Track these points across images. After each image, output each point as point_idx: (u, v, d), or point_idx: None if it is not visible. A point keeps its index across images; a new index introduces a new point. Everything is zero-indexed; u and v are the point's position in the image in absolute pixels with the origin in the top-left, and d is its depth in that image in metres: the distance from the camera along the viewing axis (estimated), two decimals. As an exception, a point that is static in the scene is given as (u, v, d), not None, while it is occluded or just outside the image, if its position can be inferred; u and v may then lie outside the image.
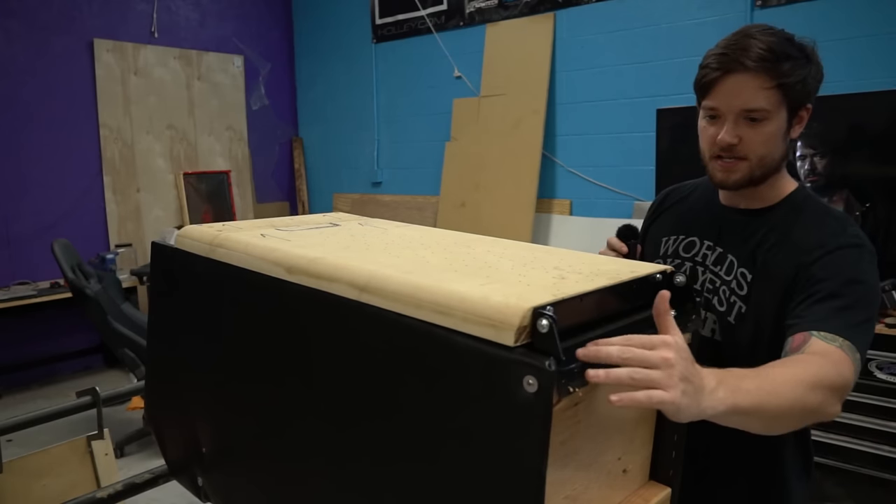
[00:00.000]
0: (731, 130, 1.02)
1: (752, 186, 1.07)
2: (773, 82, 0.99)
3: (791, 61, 1.00)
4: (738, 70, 1.00)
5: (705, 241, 1.16)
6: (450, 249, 0.80)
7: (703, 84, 1.05)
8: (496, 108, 4.35)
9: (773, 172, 1.08)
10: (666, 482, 0.77)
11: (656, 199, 1.33)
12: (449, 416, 0.59)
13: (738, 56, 1.00)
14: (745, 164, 1.04)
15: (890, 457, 2.26)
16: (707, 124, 1.07)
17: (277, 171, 5.78)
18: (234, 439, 0.89)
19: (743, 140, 1.02)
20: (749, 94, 1.00)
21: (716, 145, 1.04)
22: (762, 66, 0.99)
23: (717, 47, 1.05)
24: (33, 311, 4.10)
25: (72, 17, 4.50)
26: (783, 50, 1.00)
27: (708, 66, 1.04)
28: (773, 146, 1.04)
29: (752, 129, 1.02)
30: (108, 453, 1.82)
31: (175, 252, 0.95)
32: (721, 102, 1.03)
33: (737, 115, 1.02)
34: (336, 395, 0.71)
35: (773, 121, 1.02)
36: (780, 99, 1.01)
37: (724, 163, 1.05)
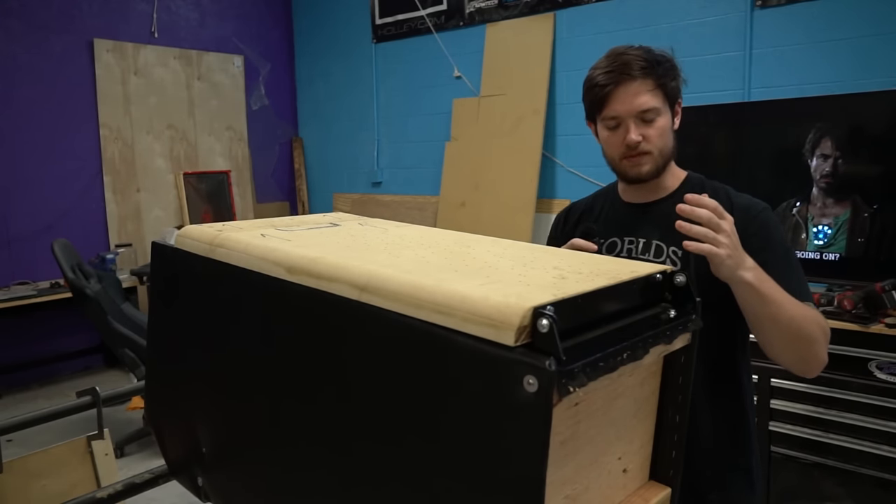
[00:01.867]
0: (634, 130, 1.20)
1: (657, 177, 1.25)
2: (655, 83, 1.19)
3: (662, 66, 1.21)
4: (626, 80, 1.19)
5: (625, 238, 1.30)
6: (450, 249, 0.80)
7: (599, 99, 1.22)
8: (496, 108, 4.35)
9: (671, 161, 1.27)
10: (666, 482, 0.77)
11: (557, 219, 1.46)
12: (449, 415, 0.59)
13: (623, 69, 1.19)
14: (650, 157, 1.22)
15: (890, 457, 2.26)
16: (609, 133, 1.24)
17: (277, 171, 5.78)
18: (234, 439, 0.89)
19: (645, 137, 1.20)
20: (640, 96, 1.19)
21: (624, 146, 1.22)
22: (644, 73, 1.19)
23: (598, 69, 1.22)
24: (33, 311, 4.10)
25: (72, 17, 4.50)
26: (654, 58, 1.20)
27: (598, 84, 1.21)
28: (667, 138, 1.23)
29: (649, 127, 1.20)
30: (108, 453, 1.82)
31: (175, 252, 0.95)
32: (620, 110, 1.20)
33: (635, 118, 1.20)
34: (336, 395, 0.71)
35: (663, 116, 1.21)
36: (663, 97, 1.21)
37: (633, 159, 1.22)
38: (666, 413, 0.76)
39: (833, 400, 2.38)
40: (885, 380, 2.27)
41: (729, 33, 3.41)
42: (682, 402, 0.75)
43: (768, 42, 3.30)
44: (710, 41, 3.48)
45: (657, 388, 0.75)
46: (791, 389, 2.46)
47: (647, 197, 1.30)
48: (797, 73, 3.19)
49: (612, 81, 1.19)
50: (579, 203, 1.44)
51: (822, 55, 3.12)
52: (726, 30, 3.42)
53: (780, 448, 2.50)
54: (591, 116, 1.28)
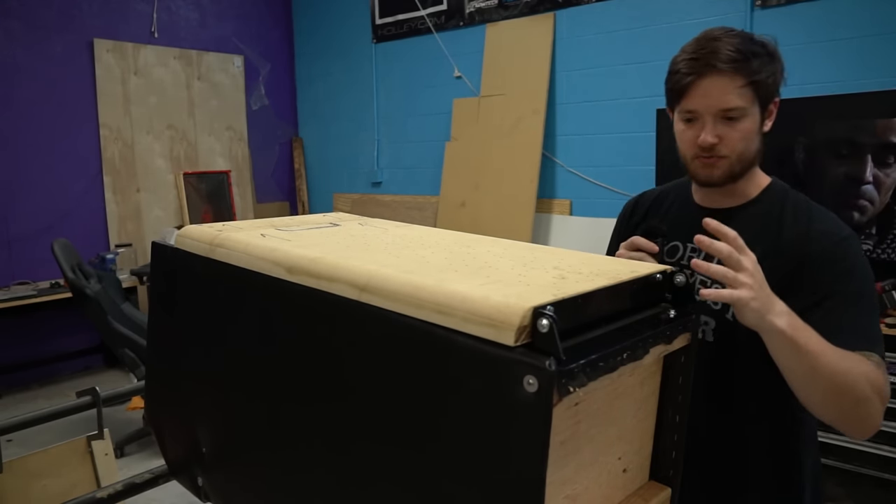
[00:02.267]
0: (711, 131, 1.05)
1: (733, 182, 1.10)
2: (745, 80, 1.03)
3: (758, 59, 1.04)
4: (711, 72, 1.03)
5: (689, 244, 1.17)
6: (450, 249, 0.80)
7: (677, 89, 1.08)
8: (496, 108, 4.35)
9: (751, 167, 1.11)
10: (666, 482, 0.77)
11: (625, 210, 1.34)
12: (449, 415, 0.59)
13: (709, 59, 1.03)
14: (726, 161, 1.07)
15: (890, 457, 2.26)
16: (685, 127, 1.10)
17: (277, 171, 5.78)
18: (234, 439, 0.89)
19: (723, 139, 1.05)
20: (724, 94, 1.03)
21: (697, 146, 1.07)
22: (733, 67, 1.02)
23: (684, 53, 1.08)
24: (33, 311, 4.10)
25: (72, 17, 4.50)
26: (750, 49, 1.04)
27: (679, 72, 1.07)
28: (750, 142, 1.07)
29: (730, 128, 1.05)
30: (108, 453, 1.82)
31: (175, 252, 0.95)
32: (698, 104, 1.06)
33: (714, 116, 1.05)
34: (336, 395, 0.71)
35: (749, 118, 1.05)
36: (753, 96, 1.05)
37: (706, 160, 1.08)
38: (666, 413, 0.76)
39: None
40: (885, 380, 2.27)
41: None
42: (682, 402, 0.75)
43: (768, 42, 3.30)
44: (710, 41, 3.47)
45: (657, 388, 0.75)
46: (791, 389, 2.46)
47: (722, 202, 1.15)
48: (797, 73, 3.19)
49: (694, 72, 1.04)
50: (650, 193, 1.30)
51: (822, 55, 3.12)
52: (726, 30, 3.42)
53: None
54: (670, 105, 1.13)
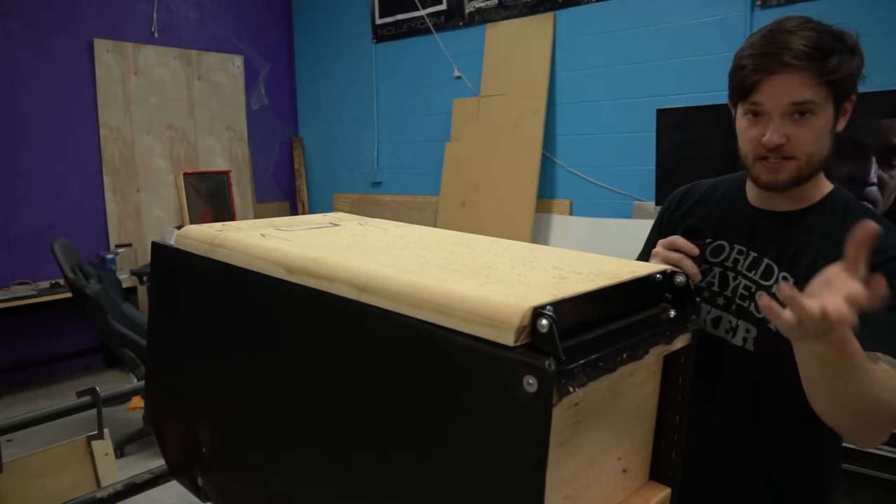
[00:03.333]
0: (777, 130, 0.96)
1: (797, 186, 1.01)
2: (822, 78, 0.94)
3: (837, 55, 0.95)
4: (783, 70, 0.94)
5: (735, 246, 1.09)
6: (450, 249, 0.80)
7: (745, 83, 0.97)
8: (496, 108, 4.35)
9: (820, 170, 1.02)
10: (666, 482, 0.77)
11: (671, 200, 1.23)
12: (449, 415, 0.59)
13: (781, 55, 0.93)
14: (794, 163, 0.98)
15: (890, 457, 2.26)
16: (749, 124, 1.00)
17: (277, 171, 5.78)
18: (234, 439, 0.89)
19: (791, 139, 0.96)
20: (795, 91, 0.94)
21: (761, 146, 0.98)
22: (808, 65, 0.93)
23: (752, 46, 0.98)
24: (33, 311, 4.10)
25: (72, 17, 4.50)
26: (827, 44, 0.95)
27: (747, 68, 0.97)
28: (821, 143, 0.98)
29: (799, 127, 0.96)
30: (108, 453, 1.82)
31: (175, 252, 0.95)
32: (767, 102, 0.96)
33: (783, 112, 0.96)
34: (336, 395, 0.71)
35: (821, 115, 0.96)
36: (828, 93, 0.95)
37: (771, 163, 0.98)
38: (666, 413, 0.76)
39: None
40: (885, 380, 2.27)
41: (729, 33, 3.41)
42: (682, 402, 0.75)
43: (768, 42, 3.30)
44: (710, 41, 3.48)
45: (657, 388, 0.75)
46: (791, 389, 2.46)
47: (780, 205, 1.06)
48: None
49: (763, 69, 0.95)
50: (701, 185, 1.21)
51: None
52: (726, 30, 3.42)
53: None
54: (733, 100, 1.04)
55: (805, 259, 1.01)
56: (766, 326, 1.02)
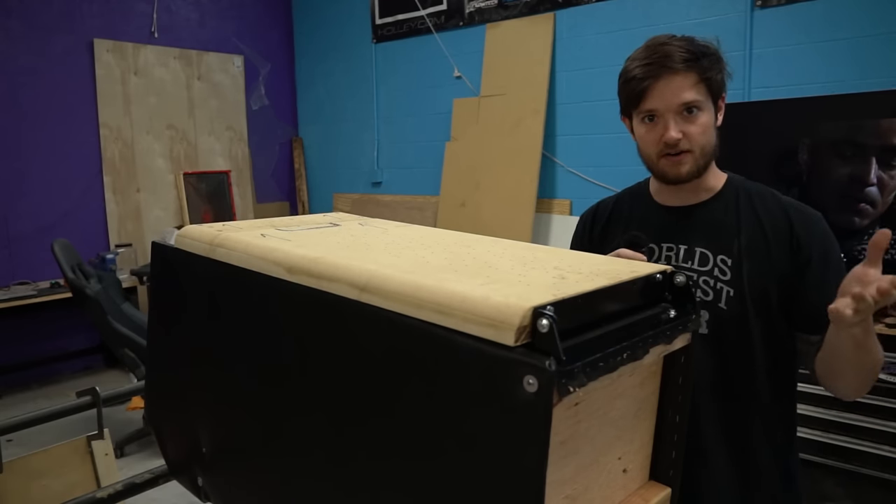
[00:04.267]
0: (675, 127, 1.10)
1: (698, 177, 1.15)
2: (699, 77, 1.10)
3: (707, 58, 1.11)
4: (667, 73, 1.09)
5: (663, 245, 1.20)
6: (450, 249, 0.80)
7: (635, 92, 1.12)
8: (496, 108, 4.35)
9: (712, 161, 1.17)
10: (666, 482, 0.77)
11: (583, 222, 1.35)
12: (449, 415, 0.59)
13: (665, 62, 1.09)
14: (691, 155, 1.12)
15: (890, 457, 2.26)
16: (647, 128, 1.14)
17: (277, 171, 5.78)
18: (234, 439, 0.89)
19: (686, 134, 1.11)
20: (682, 91, 1.10)
21: (662, 143, 1.12)
22: (687, 65, 1.09)
23: (636, 61, 1.13)
24: (33, 311, 4.10)
25: (72, 17, 4.50)
26: (698, 49, 1.11)
27: (635, 77, 1.12)
28: (710, 135, 1.13)
29: (690, 123, 1.11)
30: (108, 453, 1.82)
31: (175, 252, 0.95)
32: (659, 104, 1.11)
33: (675, 112, 1.10)
34: (336, 395, 0.71)
35: (706, 112, 1.12)
36: (706, 92, 1.11)
37: (672, 159, 1.13)
38: (666, 413, 0.76)
39: (833, 400, 2.38)
40: (886, 380, 2.27)
41: (729, 33, 3.41)
42: (682, 402, 0.75)
43: (768, 42, 3.30)
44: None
45: (657, 388, 0.75)
46: (791, 389, 2.46)
47: (688, 199, 1.20)
48: (797, 73, 3.19)
49: (651, 75, 1.10)
50: (606, 202, 1.34)
51: (821, 55, 3.12)
52: (726, 30, 3.42)
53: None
54: (627, 111, 1.19)
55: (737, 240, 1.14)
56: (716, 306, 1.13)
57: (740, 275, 1.12)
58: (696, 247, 1.17)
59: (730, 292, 1.12)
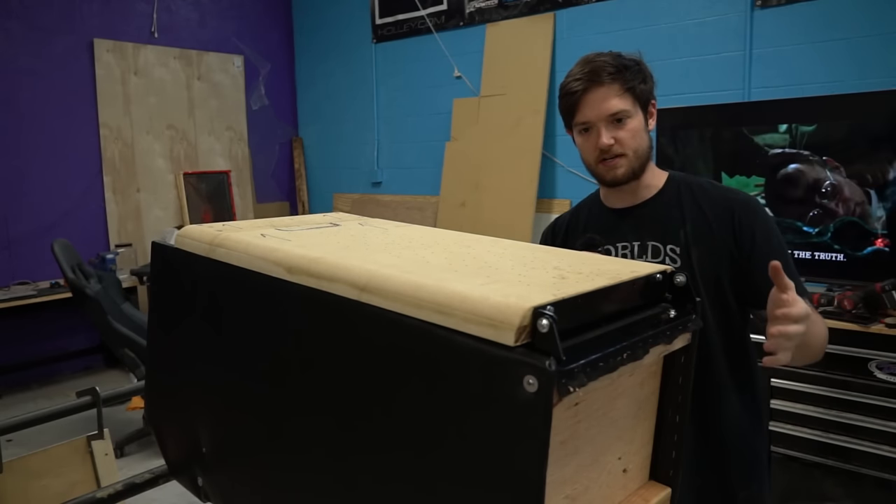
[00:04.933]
0: (606, 134, 1.22)
1: (636, 179, 1.26)
2: (623, 87, 1.21)
3: (630, 70, 1.22)
4: (595, 86, 1.21)
5: (618, 244, 1.30)
6: (450, 249, 0.80)
7: (569, 105, 1.24)
8: (496, 108, 4.35)
9: (648, 162, 1.27)
10: (666, 482, 0.77)
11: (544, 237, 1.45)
12: (448, 415, 0.59)
13: (592, 76, 1.21)
14: (625, 159, 1.23)
15: (890, 457, 2.26)
16: (583, 139, 1.26)
17: (277, 171, 5.78)
18: (234, 439, 0.89)
19: (617, 140, 1.22)
20: (609, 101, 1.21)
21: (598, 150, 1.23)
22: (612, 78, 1.21)
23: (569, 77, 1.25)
24: (33, 311, 4.10)
25: (72, 17, 4.50)
26: (622, 63, 1.23)
27: (568, 92, 1.24)
28: (640, 139, 1.24)
29: (621, 130, 1.22)
30: (108, 453, 1.82)
31: (175, 252, 0.95)
32: (590, 115, 1.22)
33: (606, 122, 1.21)
34: (336, 395, 0.71)
35: (634, 118, 1.23)
36: (633, 99, 1.22)
37: (608, 163, 1.24)
38: (666, 413, 0.76)
39: (833, 400, 2.38)
40: (886, 380, 2.27)
41: (729, 33, 3.41)
42: (682, 402, 0.75)
43: (768, 42, 3.30)
44: (710, 41, 3.48)
45: (657, 388, 0.75)
46: (791, 389, 2.46)
47: (633, 200, 1.30)
48: (797, 73, 3.19)
49: (581, 88, 1.22)
50: (563, 217, 1.45)
51: (821, 55, 3.12)
52: (726, 30, 3.42)
53: (781, 448, 2.49)
54: (568, 124, 1.30)
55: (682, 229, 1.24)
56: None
57: (689, 261, 1.21)
58: (647, 241, 1.27)
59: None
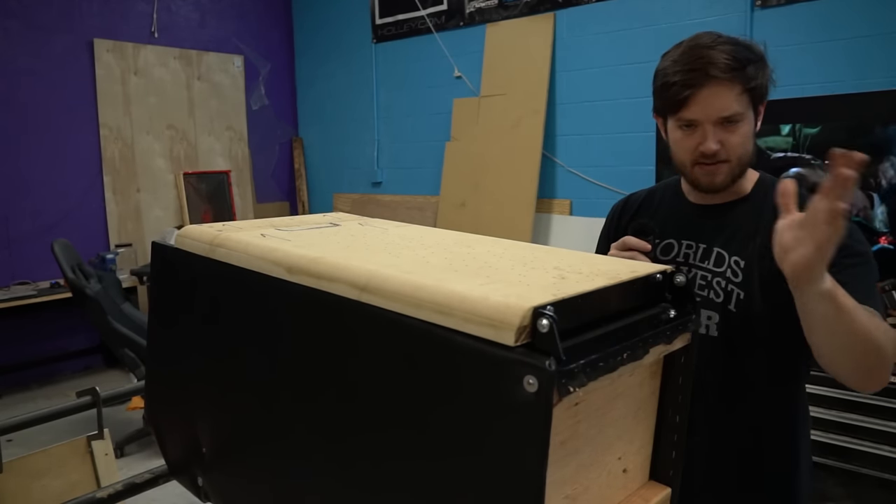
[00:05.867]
0: (713, 138, 1.06)
1: (731, 186, 1.12)
2: (743, 87, 1.05)
3: (753, 65, 1.06)
4: (711, 82, 1.04)
5: (683, 241, 1.18)
6: (450, 249, 0.80)
7: (675, 99, 1.07)
8: (496, 108, 4.35)
9: (748, 167, 1.13)
10: (666, 482, 0.77)
11: (612, 212, 1.35)
12: (448, 415, 0.59)
13: (707, 69, 1.04)
14: (727, 165, 1.09)
15: (891, 457, 2.26)
16: (683, 135, 1.10)
17: (277, 171, 5.78)
18: (234, 439, 0.89)
19: (724, 144, 1.07)
20: (724, 101, 1.04)
21: (698, 153, 1.08)
22: (733, 75, 1.04)
23: (676, 63, 1.08)
24: (33, 311, 4.10)
25: (72, 17, 4.50)
26: (744, 55, 1.06)
27: (676, 84, 1.07)
28: (749, 145, 1.09)
29: (729, 133, 1.07)
30: (108, 453, 1.82)
31: (175, 252, 0.95)
32: (699, 114, 1.06)
33: (715, 123, 1.06)
34: (336, 395, 0.71)
35: (746, 122, 1.07)
36: (749, 101, 1.07)
37: (708, 167, 1.09)
38: (666, 413, 0.76)
39: (833, 400, 2.38)
40: (886, 380, 2.27)
41: (729, 33, 3.41)
42: (682, 403, 0.75)
43: (768, 42, 3.30)
44: (710, 41, 3.47)
45: (657, 388, 0.75)
46: (791, 389, 2.46)
47: (717, 199, 1.17)
48: (797, 73, 3.19)
49: (693, 84, 1.05)
50: (638, 194, 1.32)
51: (822, 55, 3.12)
52: (726, 30, 3.40)
53: (781, 448, 2.50)
54: (662, 113, 1.15)
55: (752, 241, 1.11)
56: (725, 308, 1.11)
57: (751, 277, 1.09)
58: (714, 247, 1.15)
59: (740, 295, 1.10)
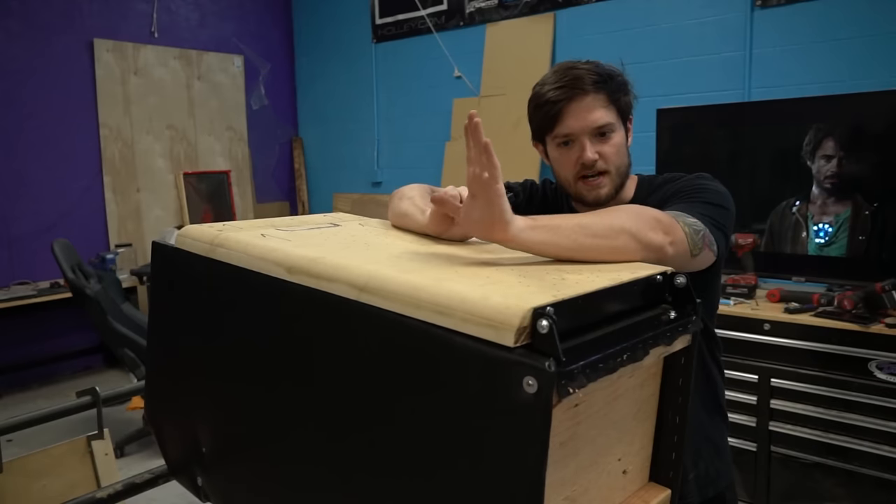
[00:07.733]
0: (591, 148, 1.11)
1: (615, 197, 1.16)
2: (609, 98, 1.12)
3: (614, 80, 1.13)
4: (580, 95, 1.10)
5: None
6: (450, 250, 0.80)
7: (550, 116, 1.12)
8: (496, 108, 4.35)
9: (627, 179, 1.19)
10: (666, 483, 0.77)
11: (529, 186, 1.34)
12: (448, 416, 0.59)
13: (576, 84, 1.11)
14: (608, 177, 1.14)
15: (890, 457, 2.26)
16: (562, 151, 1.15)
17: (277, 171, 5.77)
18: (234, 440, 0.89)
19: (602, 155, 1.12)
20: (595, 113, 1.11)
21: (579, 165, 1.13)
22: (597, 87, 1.11)
23: (547, 85, 1.14)
24: (33, 311, 4.10)
25: (72, 17, 4.50)
26: (606, 72, 1.13)
27: (547, 101, 1.12)
28: (623, 155, 1.16)
29: (605, 145, 1.13)
30: (108, 453, 1.82)
31: (175, 252, 0.95)
32: (574, 127, 1.11)
33: (590, 135, 1.12)
34: (335, 395, 0.71)
35: (618, 132, 1.14)
36: (617, 113, 1.13)
37: (590, 181, 1.14)
38: (666, 414, 0.76)
39: (833, 400, 2.37)
40: (885, 380, 2.27)
41: (729, 33, 3.41)
42: (682, 404, 0.75)
43: (768, 42, 3.30)
44: (710, 41, 3.47)
45: (657, 389, 0.75)
46: (791, 389, 2.46)
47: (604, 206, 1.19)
48: (797, 73, 3.19)
49: (564, 97, 1.11)
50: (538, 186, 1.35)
51: (821, 55, 3.12)
52: (726, 30, 3.42)
53: (781, 448, 2.49)
54: (540, 136, 1.19)
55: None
56: None
57: None
58: None
59: None
